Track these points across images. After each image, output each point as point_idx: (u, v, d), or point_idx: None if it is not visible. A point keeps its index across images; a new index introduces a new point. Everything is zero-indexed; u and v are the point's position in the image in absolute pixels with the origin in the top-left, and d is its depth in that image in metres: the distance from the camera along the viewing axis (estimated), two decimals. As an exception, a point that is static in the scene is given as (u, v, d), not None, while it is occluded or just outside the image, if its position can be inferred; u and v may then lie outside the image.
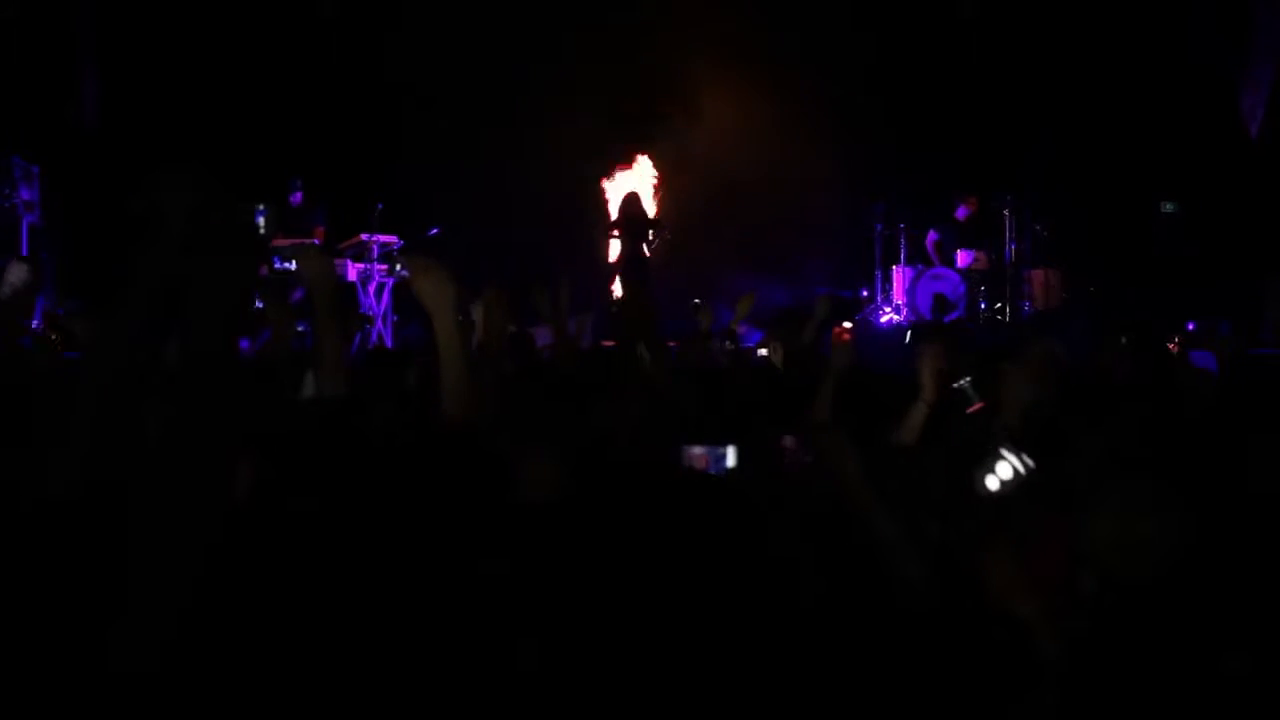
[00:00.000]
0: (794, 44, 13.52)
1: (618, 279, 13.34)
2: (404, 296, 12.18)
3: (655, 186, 14.42)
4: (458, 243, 11.62)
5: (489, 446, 2.41)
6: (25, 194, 11.63)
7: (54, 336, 9.90)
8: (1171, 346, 6.63)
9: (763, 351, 7.36)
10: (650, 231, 13.46)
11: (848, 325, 11.02)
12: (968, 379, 4.03)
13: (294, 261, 11.33)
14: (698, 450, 3.06)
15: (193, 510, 2.04)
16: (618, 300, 12.87)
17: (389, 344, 11.53)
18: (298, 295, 10.37)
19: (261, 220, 11.59)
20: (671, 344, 6.29)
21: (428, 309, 2.93)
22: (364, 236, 11.90)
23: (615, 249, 13.62)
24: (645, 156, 14.54)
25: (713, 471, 3.01)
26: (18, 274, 8.98)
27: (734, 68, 13.58)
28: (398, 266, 11.87)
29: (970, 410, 3.95)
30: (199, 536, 2.03)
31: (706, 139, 14.23)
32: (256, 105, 13.00)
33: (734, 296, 11.81)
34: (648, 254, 13.39)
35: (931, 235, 13.58)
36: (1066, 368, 5.94)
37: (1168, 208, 13.97)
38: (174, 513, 2.05)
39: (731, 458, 3.04)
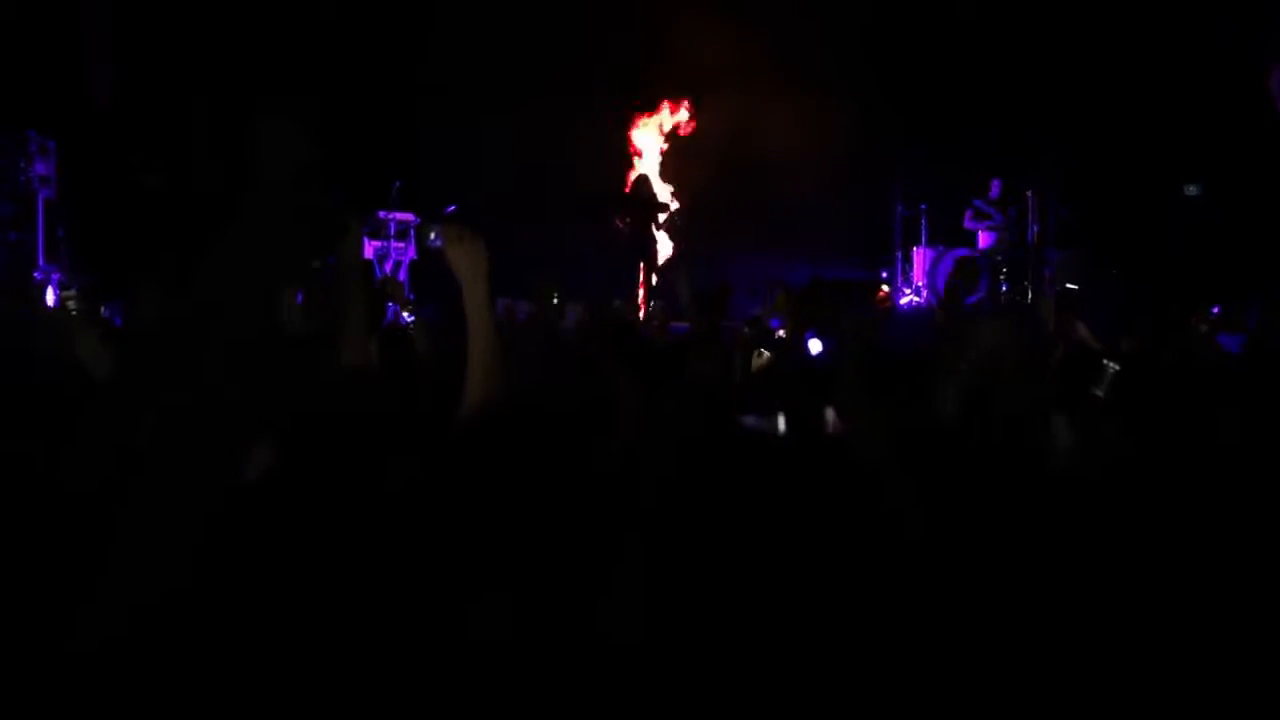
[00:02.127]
0: (814, 22, 13.41)
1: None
2: (419, 276, 12.14)
3: (663, 157, 14.29)
4: (474, 221, 11.49)
5: (517, 425, 2.33)
6: (41, 169, 11.60)
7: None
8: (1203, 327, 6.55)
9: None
10: (659, 214, 13.40)
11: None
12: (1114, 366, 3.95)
13: None
14: (750, 419, 3.01)
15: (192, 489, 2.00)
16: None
17: (405, 322, 11.48)
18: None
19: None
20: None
21: (460, 278, 2.88)
22: (380, 214, 11.85)
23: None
24: (656, 122, 14.43)
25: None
26: None
27: (753, 47, 13.47)
28: (431, 235, 11.79)
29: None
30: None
31: (724, 118, 14.13)
32: (273, 81, 12.92)
33: (752, 279, 11.81)
34: (656, 236, 13.34)
35: (970, 211, 13.52)
36: (1095, 349, 5.87)
37: (1191, 190, 13.85)
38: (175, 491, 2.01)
39: (782, 425, 2.99)
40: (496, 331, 2.85)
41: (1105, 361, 3.85)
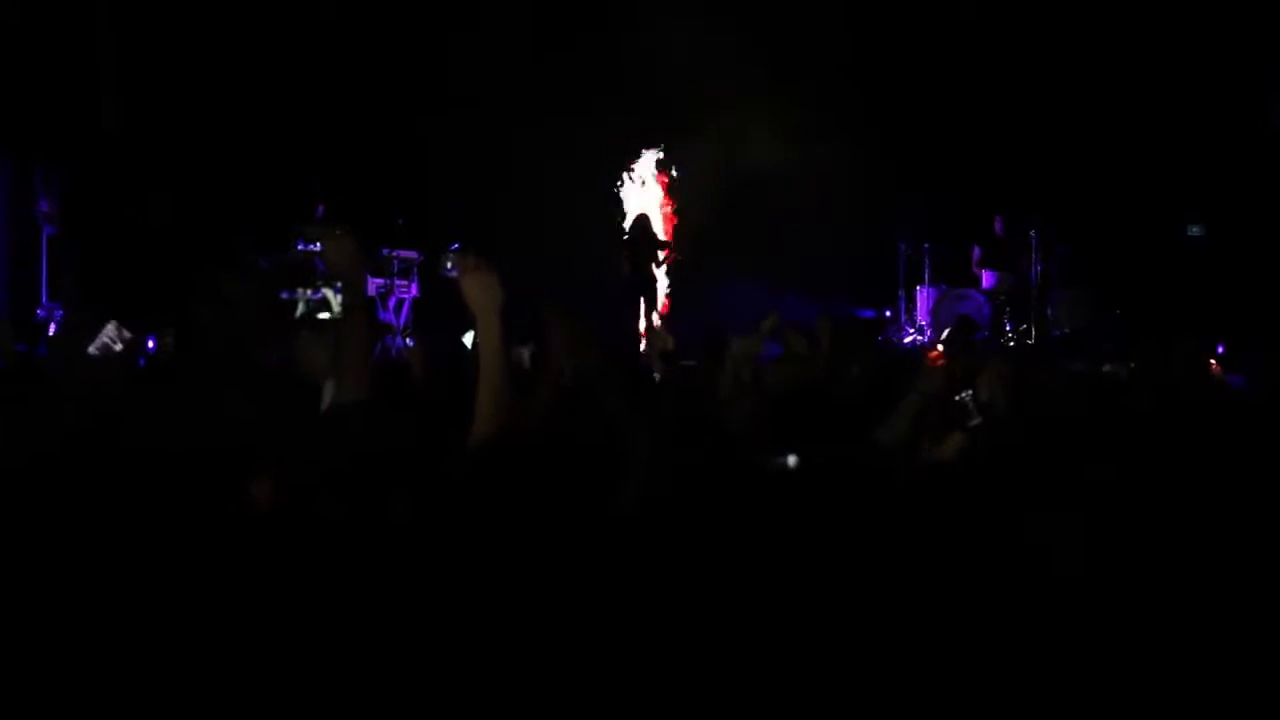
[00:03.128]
0: (817, 59, 13.44)
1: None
2: (422, 312, 12.12)
3: (665, 199, 14.33)
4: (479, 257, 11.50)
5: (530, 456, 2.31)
6: (45, 205, 11.60)
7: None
8: (1214, 366, 6.53)
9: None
10: (659, 252, 13.41)
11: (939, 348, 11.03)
12: (969, 393, 4.04)
13: (319, 243, 11.20)
14: (771, 458, 3.01)
15: None
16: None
17: (399, 346, 11.44)
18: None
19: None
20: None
21: (473, 309, 2.89)
22: (384, 250, 11.84)
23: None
24: (654, 170, 14.44)
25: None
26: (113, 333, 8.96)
27: (755, 83, 13.52)
28: (448, 264, 11.66)
29: (971, 424, 3.98)
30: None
31: (726, 154, 14.16)
32: (278, 118, 12.94)
33: (755, 315, 11.77)
34: (657, 274, 13.36)
35: (976, 252, 13.53)
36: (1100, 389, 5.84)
37: (1194, 230, 13.85)
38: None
39: (793, 461, 2.98)
40: (506, 364, 2.84)
41: (958, 398, 3.94)
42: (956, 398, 3.97)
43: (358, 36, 13.38)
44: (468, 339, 9.23)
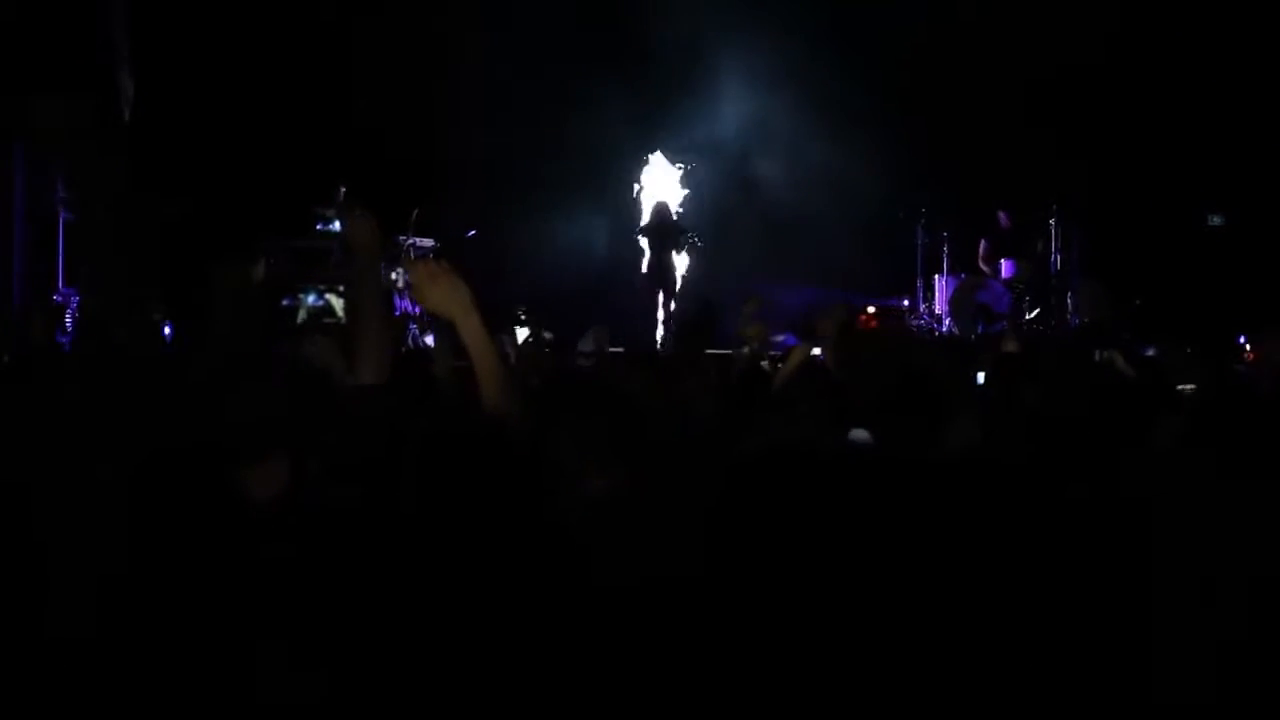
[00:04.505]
0: (835, 49, 13.39)
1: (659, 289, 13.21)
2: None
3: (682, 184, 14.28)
4: (494, 246, 11.59)
5: (527, 445, 2.28)
6: (62, 191, 11.60)
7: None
8: (1249, 356, 6.50)
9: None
10: (680, 239, 13.37)
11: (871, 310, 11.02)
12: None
13: (338, 223, 11.12)
14: (857, 433, 3.02)
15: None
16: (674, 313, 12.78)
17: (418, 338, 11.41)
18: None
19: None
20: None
21: (446, 318, 2.68)
22: (399, 239, 11.80)
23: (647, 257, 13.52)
24: (669, 159, 14.40)
25: None
26: None
27: (773, 71, 13.48)
28: (393, 276, 11.26)
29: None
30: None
31: (741, 144, 14.12)
32: (295, 106, 12.93)
33: (772, 305, 11.75)
34: (677, 262, 13.31)
35: (983, 246, 13.46)
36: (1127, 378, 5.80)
37: (1214, 220, 13.78)
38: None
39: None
40: (499, 352, 2.76)
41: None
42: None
43: (373, 27, 13.36)
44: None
